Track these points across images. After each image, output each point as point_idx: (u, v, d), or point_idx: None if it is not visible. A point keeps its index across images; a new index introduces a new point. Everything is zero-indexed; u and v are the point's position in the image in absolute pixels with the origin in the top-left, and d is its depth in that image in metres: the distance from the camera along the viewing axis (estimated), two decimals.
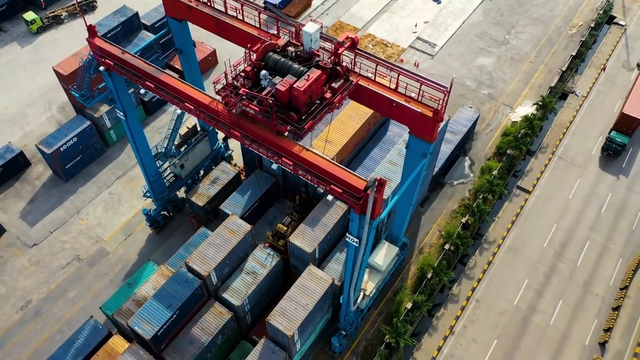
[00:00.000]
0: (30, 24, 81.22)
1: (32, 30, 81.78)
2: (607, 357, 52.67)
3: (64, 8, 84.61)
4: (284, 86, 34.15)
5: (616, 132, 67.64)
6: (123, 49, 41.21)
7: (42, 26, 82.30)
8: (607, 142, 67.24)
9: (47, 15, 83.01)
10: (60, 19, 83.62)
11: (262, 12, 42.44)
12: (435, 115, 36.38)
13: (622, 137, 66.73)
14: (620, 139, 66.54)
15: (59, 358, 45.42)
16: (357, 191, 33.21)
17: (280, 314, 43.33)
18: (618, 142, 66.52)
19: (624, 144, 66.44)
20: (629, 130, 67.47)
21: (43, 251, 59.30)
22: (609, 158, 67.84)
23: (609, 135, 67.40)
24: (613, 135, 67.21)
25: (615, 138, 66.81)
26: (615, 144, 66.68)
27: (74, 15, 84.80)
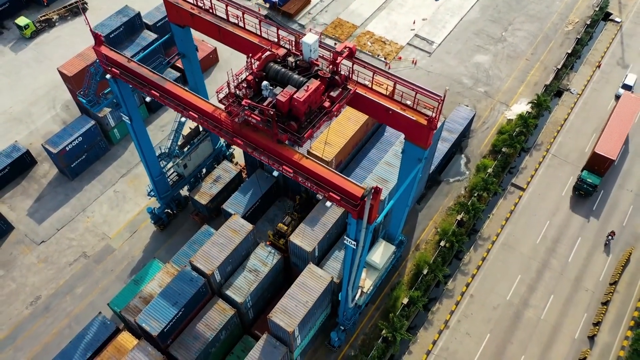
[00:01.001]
0: (24, 29, 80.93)
1: (26, 36, 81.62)
2: (596, 350, 54.76)
3: (54, 11, 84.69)
4: (284, 97, 35.67)
5: (587, 172, 64.00)
6: (129, 58, 42.61)
7: (36, 30, 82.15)
8: (578, 182, 64.17)
9: (38, 19, 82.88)
10: (52, 22, 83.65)
11: (263, 20, 43.77)
12: (429, 123, 37.91)
13: (594, 178, 63.32)
14: (592, 180, 63.21)
15: (69, 353, 47.39)
16: (355, 198, 34.90)
17: (282, 311, 45.21)
18: (589, 183, 63.36)
19: (595, 185, 63.22)
20: (601, 169, 63.90)
21: (51, 248, 61.12)
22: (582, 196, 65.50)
23: (580, 175, 64.36)
24: (584, 175, 63.72)
25: (586, 178, 63.45)
26: (586, 184, 63.60)
27: (65, 18, 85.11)
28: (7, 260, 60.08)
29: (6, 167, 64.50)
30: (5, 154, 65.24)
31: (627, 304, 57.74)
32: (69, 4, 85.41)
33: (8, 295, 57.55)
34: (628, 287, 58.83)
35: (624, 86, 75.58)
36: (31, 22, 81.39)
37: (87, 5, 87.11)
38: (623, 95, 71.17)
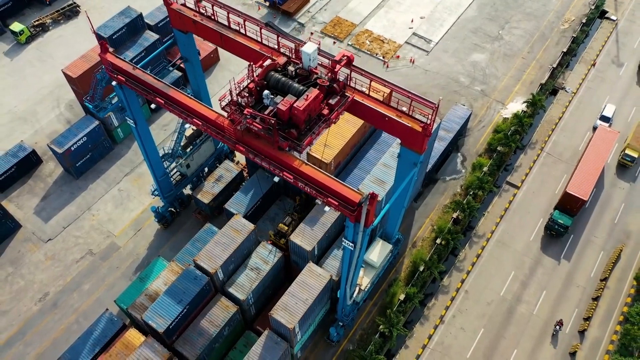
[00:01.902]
0: (19, 35, 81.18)
1: (21, 41, 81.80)
2: (586, 344, 56.71)
3: (47, 16, 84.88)
4: (284, 106, 37.16)
5: (559, 212, 62.64)
6: (134, 65, 44.00)
7: (31, 35, 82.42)
8: (549, 223, 62.69)
9: (32, 24, 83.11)
10: (45, 26, 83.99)
11: (264, 27, 45.07)
12: (424, 130, 39.42)
13: (565, 219, 61.87)
14: (563, 220, 61.71)
15: (78, 348, 49.27)
16: (352, 203, 36.52)
17: (283, 309, 47.03)
18: (560, 224, 61.77)
19: (567, 226, 61.73)
20: (573, 209, 62.75)
21: (57, 246, 62.84)
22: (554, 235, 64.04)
23: (551, 215, 62.95)
24: (555, 215, 62.32)
25: (557, 219, 62.02)
26: (557, 225, 61.98)
27: (58, 22, 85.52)
28: (16, 257, 61.83)
29: (13, 166, 65.99)
30: (12, 154, 66.72)
31: (617, 299, 59.60)
32: (62, 8, 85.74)
33: (17, 292, 59.36)
34: (618, 283, 60.66)
35: (602, 117, 73.04)
36: (25, 28, 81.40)
37: (79, 9, 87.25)
38: (598, 128, 69.25)
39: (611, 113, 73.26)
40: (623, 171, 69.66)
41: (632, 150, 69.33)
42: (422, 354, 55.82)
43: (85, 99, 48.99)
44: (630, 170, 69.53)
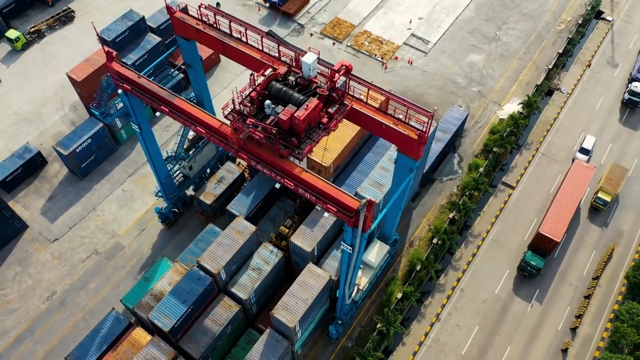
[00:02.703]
0: (15, 41, 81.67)
1: (17, 48, 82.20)
2: (577, 341, 58.52)
3: (43, 22, 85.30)
4: (285, 115, 38.70)
5: (532, 253, 61.41)
6: (139, 74, 45.39)
7: (27, 42, 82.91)
8: (522, 264, 61.52)
9: (28, 31, 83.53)
10: (41, 32, 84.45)
11: (265, 36, 46.43)
12: (419, 138, 40.93)
13: (538, 260, 60.72)
14: (535, 262, 60.59)
15: (86, 346, 51.02)
16: (351, 210, 38.07)
17: (283, 308, 48.74)
18: (533, 266, 60.64)
19: (539, 268, 60.61)
20: (546, 249, 61.81)
21: (64, 246, 64.46)
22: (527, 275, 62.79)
23: (523, 257, 61.72)
24: (528, 257, 61.12)
25: (529, 260, 60.77)
26: (529, 266, 60.80)
27: (54, 28, 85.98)
28: (23, 257, 63.47)
29: (19, 167, 67.46)
30: (18, 155, 68.16)
31: (608, 297, 61.34)
32: (57, 14, 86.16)
33: (25, 291, 61.05)
34: (609, 282, 62.38)
35: (582, 150, 71.30)
36: (21, 35, 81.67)
37: (74, 14, 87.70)
38: (574, 163, 67.35)
39: (591, 145, 71.39)
40: (595, 215, 66.96)
41: (604, 193, 66.11)
42: (419, 351, 57.62)
43: (91, 105, 50.40)
44: (604, 214, 66.92)
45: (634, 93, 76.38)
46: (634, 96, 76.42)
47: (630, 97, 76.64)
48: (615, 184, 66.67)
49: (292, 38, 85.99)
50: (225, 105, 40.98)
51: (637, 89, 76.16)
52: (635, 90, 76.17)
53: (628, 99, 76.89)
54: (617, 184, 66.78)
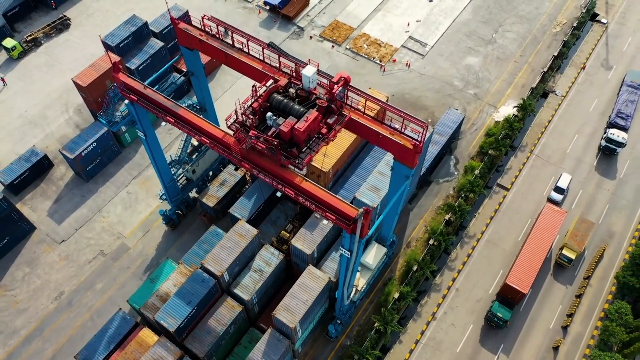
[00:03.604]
0: (11, 50, 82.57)
1: (14, 57, 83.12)
2: (568, 339, 60.55)
3: (39, 30, 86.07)
4: (286, 127, 40.41)
5: (498, 304, 59.73)
6: (145, 85, 47.03)
7: (23, 51, 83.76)
8: (489, 315, 59.92)
9: (25, 39, 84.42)
10: (38, 41, 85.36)
11: (266, 47, 48.01)
12: (414, 147, 42.65)
13: (504, 312, 59.13)
14: (502, 314, 58.94)
15: (94, 345, 53.07)
16: (349, 218, 39.88)
17: (284, 309, 50.67)
18: (499, 317, 59.08)
19: (506, 320, 58.99)
20: (514, 300, 60.41)
21: (71, 247, 66.32)
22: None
23: (490, 307, 60.19)
24: (494, 308, 59.45)
25: (496, 312, 59.11)
26: (496, 317, 59.25)
27: (50, 36, 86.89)
28: (32, 258, 65.35)
29: (26, 170, 69.17)
30: (25, 159, 69.86)
31: (599, 296, 63.32)
32: (53, 22, 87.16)
33: (34, 291, 62.97)
34: (600, 281, 64.34)
35: (556, 189, 69.85)
36: (18, 44, 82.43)
37: (70, 21, 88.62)
38: (545, 208, 65.39)
39: (566, 184, 69.77)
40: (560, 271, 64.59)
41: (569, 250, 63.68)
42: (415, 349, 59.66)
43: (99, 114, 52.06)
44: (569, 271, 64.51)
45: (611, 140, 73.14)
46: (611, 143, 73.11)
47: (607, 145, 73.31)
48: (580, 240, 63.82)
49: (292, 41, 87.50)
50: (229, 117, 42.63)
51: (614, 137, 72.93)
52: (612, 138, 72.99)
53: (605, 146, 73.63)
54: (583, 240, 63.86)
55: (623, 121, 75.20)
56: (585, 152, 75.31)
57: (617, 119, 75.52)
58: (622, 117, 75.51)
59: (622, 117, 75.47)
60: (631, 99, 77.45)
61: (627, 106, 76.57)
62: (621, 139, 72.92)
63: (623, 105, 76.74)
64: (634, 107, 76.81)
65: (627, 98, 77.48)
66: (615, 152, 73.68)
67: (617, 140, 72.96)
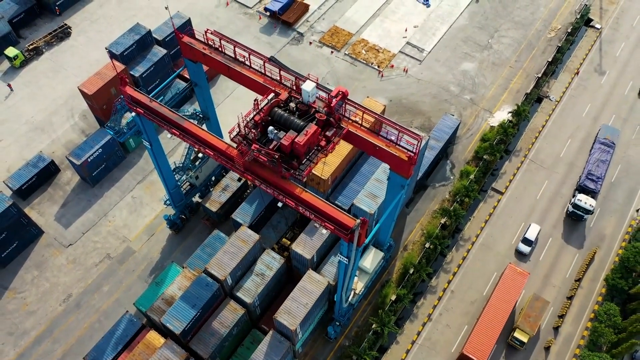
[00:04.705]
0: (13, 59, 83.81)
1: (16, 65, 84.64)
2: (559, 340, 62.72)
3: (40, 39, 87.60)
4: (287, 141, 42.42)
5: None
6: (151, 98, 48.98)
7: (25, 60, 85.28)
8: None
9: (27, 48, 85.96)
10: (39, 49, 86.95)
11: (267, 62, 49.90)
12: (409, 159, 44.65)
13: None
14: None
15: (102, 347, 55.25)
16: (347, 227, 41.93)
17: (285, 312, 52.80)
18: None
19: None
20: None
21: (78, 250, 68.39)
22: None
23: None
24: None
25: None
26: None
27: (51, 44, 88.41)
28: (40, 261, 67.45)
29: (34, 176, 71.13)
30: (32, 164, 71.83)
31: (590, 298, 65.47)
32: (54, 30, 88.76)
33: (43, 294, 65.09)
34: (591, 283, 66.48)
35: (524, 240, 67.85)
36: (20, 52, 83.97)
37: (70, 30, 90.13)
38: (507, 269, 63.29)
39: (534, 235, 67.84)
40: (512, 353, 61.26)
41: (521, 333, 60.11)
42: (411, 349, 61.85)
43: (106, 125, 54.07)
44: (521, 354, 61.10)
45: (578, 207, 68.99)
46: (578, 210, 69.09)
47: (574, 211, 69.23)
48: (534, 322, 60.25)
49: (292, 46, 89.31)
50: (232, 130, 44.59)
51: (581, 203, 68.71)
52: (580, 205, 68.83)
53: (572, 212, 69.61)
54: (536, 321, 60.30)
55: (593, 184, 70.34)
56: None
57: (586, 181, 70.68)
58: (593, 179, 70.69)
59: (592, 180, 70.63)
60: (603, 158, 72.62)
61: (598, 167, 71.79)
62: (589, 206, 68.43)
63: (594, 165, 72.01)
64: (605, 167, 71.94)
65: (599, 157, 72.84)
66: (582, 218, 69.44)
67: (585, 207, 68.61)
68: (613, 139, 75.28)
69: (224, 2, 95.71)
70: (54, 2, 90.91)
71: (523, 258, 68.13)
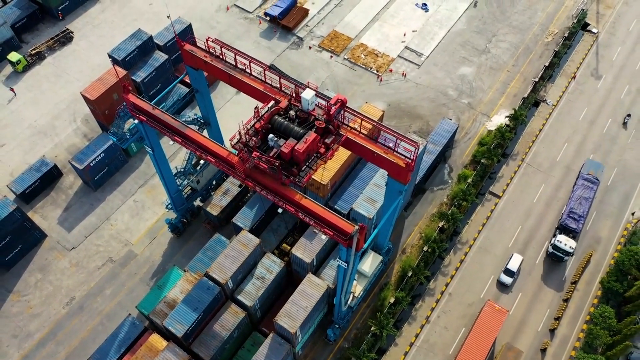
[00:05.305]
0: (16, 64, 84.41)
1: (19, 70, 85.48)
2: (555, 341, 63.68)
3: (43, 44, 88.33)
4: (287, 148, 43.36)
5: None
6: (154, 105, 49.90)
7: (28, 64, 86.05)
8: None
9: (29, 53, 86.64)
10: (42, 54, 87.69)
11: (267, 69, 50.82)
12: (407, 166, 45.58)
13: None
14: None
15: (106, 349, 56.23)
16: (345, 233, 42.86)
17: (285, 315, 53.72)
18: None
19: None
20: None
21: (81, 254, 69.32)
22: None
23: None
24: None
25: None
26: None
27: (54, 49, 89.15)
28: (44, 265, 68.37)
29: (37, 180, 71.99)
30: (36, 169, 72.71)
31: (585, 300, 66.43)
32: (56, 35, 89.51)
33: (47, 297, 66.02)
34: (587, 286, 67.43)
35: (506, 271, 66.66)
36: (22, 57, 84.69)
37: (72, 34, 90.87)
38: (485, 306, 61.77)
39: (516, 266, 66.59)
40: None
41: None
42: (410, 351, 62.81)
43: (109, 132, 55.01)
44: None
45: (558, 248, 66.89)
46: (558, 251, 66.95)
47: (554, 252, 67.24)
48: None
49: (292, 51, 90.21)
50: (233, 137, 45.51)
51: (560, 245, 66.57)
52: (559, 246, 66.68)
53: (551, 253, 67.69)
54: None
55: (575, 223, 67.93)
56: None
57: (568, 220, 68.26)
58: (574, 217, 68.22)
59: (574, 218, 68.16)
60: (586, 195, 70.00)
61: (580, 204, 69.13)
62: (568, 248, 66.36)
63: (576, 203, 69.34)
64: (588, 205, 69.31)
65: (582, 194, 70.06)
66: (562, 260, 67.42)
67: (564, 249, 66.52)
68: (597, 174, 72.16)
69: (225, 7, 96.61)
70: (57, 7, 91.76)
71: (505, 289, 66.80)
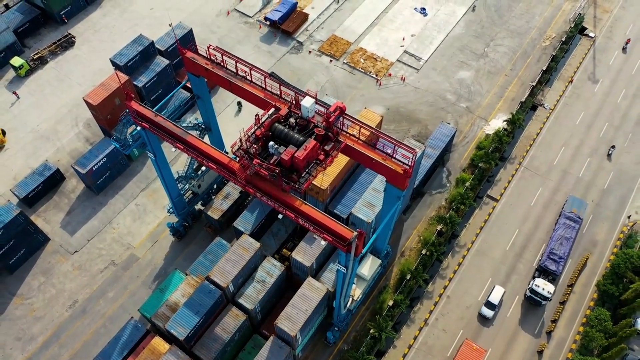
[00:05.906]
0: (19, 69, 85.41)
1: (21, 75, 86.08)
2: (552, 344, 64.49)
3: (45, 49, 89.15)
4: (287, 155, 44.23)
5: None
6: (156, 112, 50.74)
7: (30, 69, 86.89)
8: None
9: (32, 58, 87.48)
10: (44, 59, 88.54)
11: (268, 77, 51.66)
12: (405, 172, 46.42)
13: None
14: None
15: (108, 352, 56.97)
16: (345, 239, 43.69)
17: (286, 318, 54.53)
18: None
19: None
20: None
21: (83, 257, 70.15)
22: None
23: None
24: None
25: None
26: None
27: (56, 53, 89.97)
28: (47, 268, 69.21)
29: (40, 184, 72.88)
30: (39, 173, 73.58)
31: (582, 303, 67.24)
32: (58, 40, 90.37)
33: (50, 300, 66.86)
34: (583, 289, 68.25)
35: (487, 304, 65.34)
36: (25, 62, 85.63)
37: (74, 39, 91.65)
38: (463, 345, 60.51)
39: (498, 299, 65.12)
40: None
41: None
42: (408, 353, 63.63)
43: (112, 138, 55.87)
44: None
45: (536, 292, 64.91)
46: (535, 295, 64.99)
47: (531, 296, 65.21)
48: None
49: (292, 55, 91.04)
50: (234, 144, 46.36)
51: (538, 289, 64.53)
52: (537, 290, 64.67)
53: (529, 297, 65.61)
54: None
55: (554, 265, 65.98)
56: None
57: (548, 261, 66.30)
58: (555, 259, 66.29)
59: (554, 260, 66.25)
60: (567, 235, 67.80)
61: (561, 244, 66.98)
62: (546, 293, 64.33)
63: (557, 243, 67.32)
64: (569, 245, 67.13)
65: (563, 234, 67.80)
66: (540, 304, 65.44)
67: (542, 294, 64.57)
68: (580, 212, 70.02)
69: (225, 12, 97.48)
70: (59, 12, 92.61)
71: (486, 322, 65.61)
